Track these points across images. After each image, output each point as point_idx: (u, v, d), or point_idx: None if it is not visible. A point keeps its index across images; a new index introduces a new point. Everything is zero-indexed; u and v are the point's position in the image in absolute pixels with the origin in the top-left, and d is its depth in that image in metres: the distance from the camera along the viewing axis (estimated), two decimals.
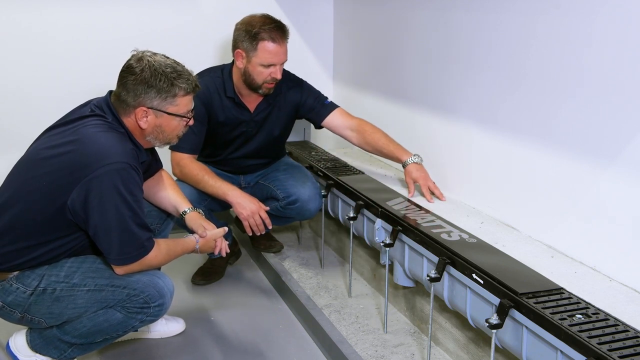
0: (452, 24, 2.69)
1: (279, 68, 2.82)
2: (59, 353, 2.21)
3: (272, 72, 2.80)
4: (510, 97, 2.39)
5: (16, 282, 2.11)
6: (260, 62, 2.78)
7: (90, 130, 2.07)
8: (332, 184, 2.97)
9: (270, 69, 2.80)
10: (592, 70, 2.02)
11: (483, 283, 1.94)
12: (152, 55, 2.17)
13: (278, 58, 2.80)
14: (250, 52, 2.79)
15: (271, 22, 2.81)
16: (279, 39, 2.79)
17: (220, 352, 2.52)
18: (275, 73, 2.81)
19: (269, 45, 2.77)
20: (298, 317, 2.78)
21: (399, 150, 2.84)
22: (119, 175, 2.00)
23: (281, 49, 2.80)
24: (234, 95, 2.91)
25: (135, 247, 2.07)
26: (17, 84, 3.30)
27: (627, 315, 1.73)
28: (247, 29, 2.80)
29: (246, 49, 2.80)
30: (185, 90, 2.16)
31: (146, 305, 2.14)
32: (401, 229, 2.39)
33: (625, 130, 1.92)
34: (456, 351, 2.34)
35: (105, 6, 3.35)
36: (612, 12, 1.93)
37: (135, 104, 2.12)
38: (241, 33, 2.81)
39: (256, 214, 2.78)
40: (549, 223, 2.24)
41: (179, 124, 2.21)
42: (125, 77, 2.13)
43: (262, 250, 3.32)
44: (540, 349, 1.74)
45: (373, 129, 2.95)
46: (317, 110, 3.02)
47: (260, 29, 2.77)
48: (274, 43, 2.77)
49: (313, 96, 3.04)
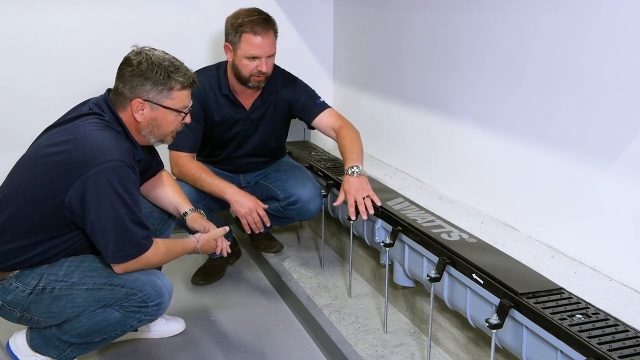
0: (451, 24, 2.69)
1: (264, 61, 2.78)
2: (59, 353, 2.21)
3: (258, 64, 2.77)
4: (510, 96, 2.39)
5: (16, 281, 2.11)
6: (244, 55, 2.76)
7: (87, 128, 2.08)
8: (332, 184, 2.96)
9: (255, 61, 2.77)
10: (591, 70, 2.02)
11: (483, 283, 1.94)
12: (151, 50, 2.17)
13: (262, 50, 2.76)
14: (236, 44, 2.78)
15: (256, 14, 2.79)
16: (262, 32, 2.75)
17: (220, 352, 2.52)
18: (261, 66, 2.78)
19: (250, 38, 2.75)
20: (298, 317, 2.77)
21: (347, 158, 2.73)
22: (115, 173, 2.00)
23: (265, 41, 2.76)
24: (229, 93, 2.90)
25: (132, 245, 2.07)
26: (17, 84, 3.30)
27: (627, 315, 1.74)
28: (232, 21, 2.80)
29: (232, 41, 2.79)
30: (182, 84, 2.16)
31: (144, 305, 2.14)
32: (401, 229, 2.39)
33: (625, 130, 1.92)
34: (456, 351, 2.34)
35: (105, 6, 3.35)
36: (612, 12, 1.93)
37: (132, 96, 2.12)
38: (228, 26, 2.82)
39: (254, 211, 2.77)
40: (549, 223, 2.24)
41: (175, 119, 2.20)
42: (123, 69, 2.14)
43: (262, 250, 3.31)
44: (540, 349, 1.74)
45: (348, 132, 2.85)
46: (309, 109, 2.98)
47: (242, 20, 2.75)
48: (257, 35, 2.74)
49: (306, 94, 3.00)
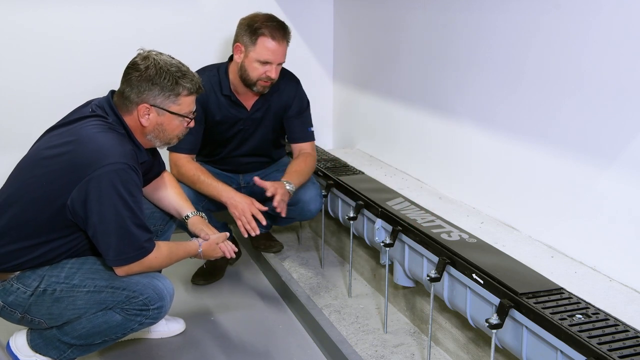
0: (451, 24, 2.69)
1: (275, 68, 2.80)
2: (59, 353, 2.20)
3: (268, 70, 2.78)
4: (510, 96, 2.39)
5: (17, 282, 2.11)
6: (257, 58, 2.77)
7: (90, 130, 2.08)
8: (332, 184, 2.97)
9: (266, 66, 2.78)
10: (591, 70, 2.02)
11: (483, 283, 1.94)
12: (158, 55, 2.18)
13: (275, 57, 2.78)
14: (249, 46, 2.78)
15: (274, 20, 2.82)
16: (279, 38, 2.78)
17: (220, 352, 2.52)
18: (271, 72, 2.79)
19: (267, 42, 2.76)
20: (298, 317, 2.77)
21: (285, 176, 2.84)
22: (118, 176, 2.00)
23: (280, 48, 2.79)
24: (230, 94, 2.90)
25: (134, 248, 2.07)
26: (17, 84, 3.29)
27: (627, 315, 1.74)
28: (249, 23, 2.80)
29: (245, 43, 2.79)
30: (189, 90, 2.17)
31: (145, 308, 2.14)
32: (401, 229, 2.39)
33: (625, 130, 1.92)
34: (456, 351, 2.34)
35: (106, 6, 3.35)
36: (612, 12, 1.93)
37: (138, 101, 2.12)
38: (243, 27, 2.82)
39: (247, 211, 2.72)
40: (549, 223, 2.24)
41: (180, 124, 2.21)
42: (130, 73, 2.13)
43: (262, 250, 3.31)
44: (540, 349, 1.74)
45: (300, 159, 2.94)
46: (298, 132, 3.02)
47: (262, 24, 2.77)
48: (274, 40, 2.76)
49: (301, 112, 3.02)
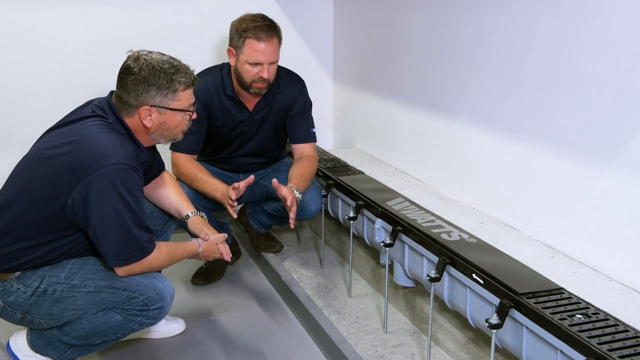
0: (451, 24, 2.69)
1: (267, 68, 2.77)
2: (59, 354, 2.21)
3: (260, 71, 2.76)
4: (510, 96, 2.39)
5: (17, 282, 2.11)
6: (246, 60, 2.76)
7: (90, 130, 2.08)
8: (332, 184, 2.97)
9: (257, 67, 2.76)
10: (591, 70, 2.02)
11: (483, 283, 1.94)
12: (148, 54, 2.17)
13: (264, 57, 2.75)
14: (239, 49, 2.78)
15: (260, 20, 2.78)
16: (266, 38, 2.74)
17: (220, 352, 2.52)
18: (263, 72, 2.77)
19: (254, 44, 2.74)
20: (298, 317, 2.78)
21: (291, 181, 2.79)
22: (118, 176, 2.00)
23: (267, 47, 2.75)
24: (233, 94, 2.90)
25: (135, 248, 2.07)
26: (17, 84, 3.29)
27: (627, 315, 1.74)
28: (237, 26, 2.79)
29: (235, 46, 2.79)
30: (185, 84, 2.17)
31: (145, 308, 2.14)
32: (401, 229, 2.39)
33: (625, 130, 1.92)
34: (456, 351, 2.34)
35: (105, 6, 3.35)
36: (612, 12, 1.93)
37: (138, 104, 2.12)
38: (232, 30, 2.81)
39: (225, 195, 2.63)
40: (549, 223, 2.24)
41: (182, 119, 2.21)
42: (125, 78, 2.13)
43: (262, 250, 3.31)
44: (540, 349, 1.74)
45: (304, 163, 2.91)
46: (300, 133, 3.00)
47: (247, 26, 2.75)
48: (260, 41, 2.73)
49: (304, 115, 3.01)
